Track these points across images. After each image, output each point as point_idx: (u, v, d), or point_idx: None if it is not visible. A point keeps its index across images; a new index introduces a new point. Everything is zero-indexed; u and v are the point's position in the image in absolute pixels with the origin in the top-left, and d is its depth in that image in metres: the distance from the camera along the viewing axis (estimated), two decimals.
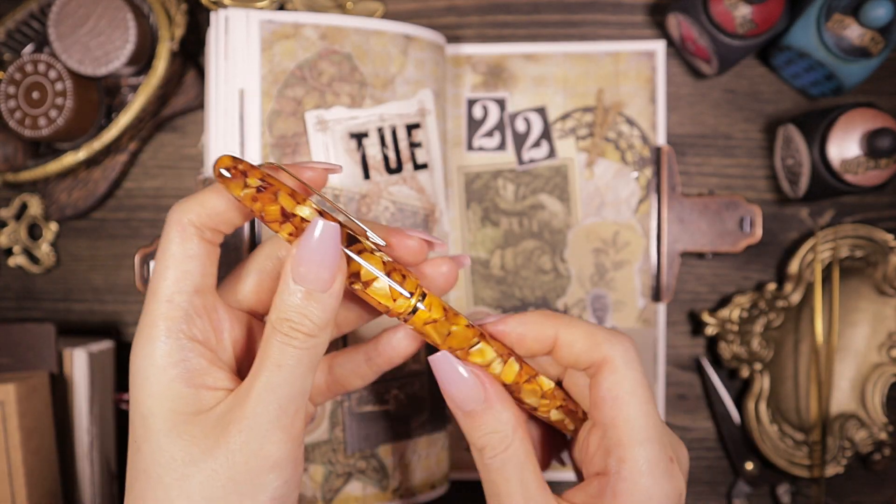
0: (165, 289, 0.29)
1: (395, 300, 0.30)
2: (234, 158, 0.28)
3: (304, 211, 0.28)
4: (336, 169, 0.31)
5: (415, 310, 0.30)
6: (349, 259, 0.29)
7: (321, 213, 0.29)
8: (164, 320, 0.28)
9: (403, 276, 0.30)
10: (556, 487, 0.31)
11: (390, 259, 0.30)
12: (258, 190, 0.28)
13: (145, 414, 0.28)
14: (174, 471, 0.27)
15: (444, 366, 0.31)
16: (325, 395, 0.36)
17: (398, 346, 0.34)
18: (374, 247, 0.30)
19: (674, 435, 0.32)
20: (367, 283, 0.29)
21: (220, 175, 0.28)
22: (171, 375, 0.28)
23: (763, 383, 0.53)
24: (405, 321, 0.30)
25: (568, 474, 0.52)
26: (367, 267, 0.29)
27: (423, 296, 0.30)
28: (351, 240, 0.29)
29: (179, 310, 0.29)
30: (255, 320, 0.33)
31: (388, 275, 0.29)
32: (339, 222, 0.29)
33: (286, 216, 0.28)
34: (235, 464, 0.27)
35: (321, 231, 0.27)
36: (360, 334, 0.45)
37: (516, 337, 0.32)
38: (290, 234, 0.29)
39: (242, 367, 0.32)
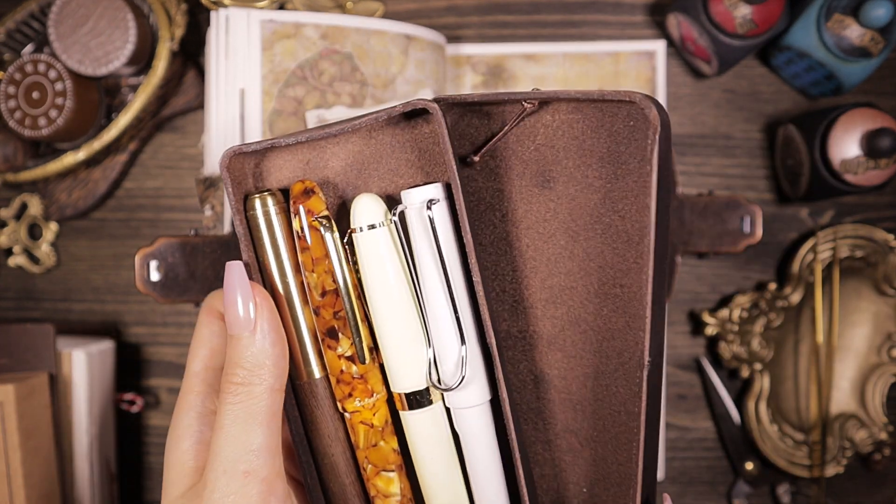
0: (195, 366, 0.30)
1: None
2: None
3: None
4: None
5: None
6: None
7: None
8: (192, 394, 0.30)
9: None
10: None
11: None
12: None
13: (164, 482, 0.29)
14: None
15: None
16: None
17: None
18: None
19: None
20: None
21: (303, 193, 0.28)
22: (183, 448, 0.29)
23: (763, 383, 0.53)
24: (343, 409, 0.29)
25: None
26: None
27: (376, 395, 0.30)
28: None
29: (205, 384, 0.30)
30: None
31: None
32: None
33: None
34: None
35: (228, 271, 0.27)
36: None
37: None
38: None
39: None
